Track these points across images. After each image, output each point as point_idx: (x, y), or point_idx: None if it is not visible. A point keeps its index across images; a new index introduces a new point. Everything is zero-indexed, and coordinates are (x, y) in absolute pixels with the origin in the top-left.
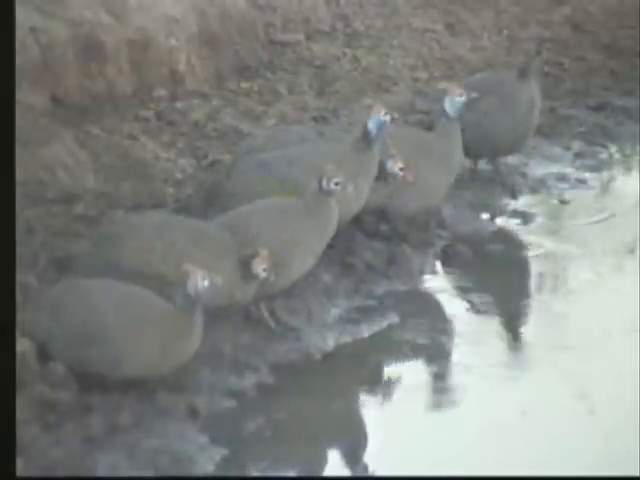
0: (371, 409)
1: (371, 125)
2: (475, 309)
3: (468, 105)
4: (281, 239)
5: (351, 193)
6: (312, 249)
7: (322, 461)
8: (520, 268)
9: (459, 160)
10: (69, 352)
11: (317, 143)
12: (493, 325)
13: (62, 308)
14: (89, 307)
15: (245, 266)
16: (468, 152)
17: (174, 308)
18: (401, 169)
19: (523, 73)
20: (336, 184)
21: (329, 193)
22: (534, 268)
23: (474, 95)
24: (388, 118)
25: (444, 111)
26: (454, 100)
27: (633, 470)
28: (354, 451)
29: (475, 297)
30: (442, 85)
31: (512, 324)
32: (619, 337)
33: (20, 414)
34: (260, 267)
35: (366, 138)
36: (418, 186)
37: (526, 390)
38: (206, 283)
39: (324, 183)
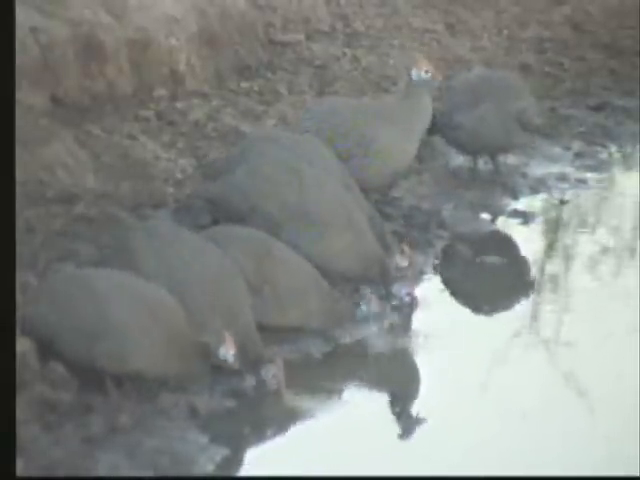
0: (371, 409)
1: (414, 75)
2: (475, 309)
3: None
4: None
5: None
6: None
7: (322, 461)
8: (520, 268)
9: (423, 125)
10: (74, 348)
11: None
12: (493, 325)
13: (67, 301)
14: (98, 300)
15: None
16: (465, 148)
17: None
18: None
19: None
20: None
21: None
22: (534, 268)
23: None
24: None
25: (410, 77)
26: (419, 74)
27: (633, 470)
28: (354, 451)
29: (475, 297)
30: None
31: (512, 324)
32: (620, 337)
33: (20, 414)
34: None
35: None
36: (382, 154)
37: (526, 390)
38: (229, 358)
39: None
